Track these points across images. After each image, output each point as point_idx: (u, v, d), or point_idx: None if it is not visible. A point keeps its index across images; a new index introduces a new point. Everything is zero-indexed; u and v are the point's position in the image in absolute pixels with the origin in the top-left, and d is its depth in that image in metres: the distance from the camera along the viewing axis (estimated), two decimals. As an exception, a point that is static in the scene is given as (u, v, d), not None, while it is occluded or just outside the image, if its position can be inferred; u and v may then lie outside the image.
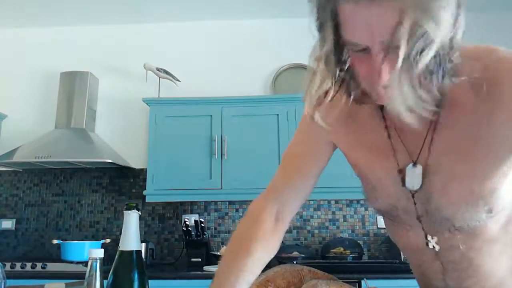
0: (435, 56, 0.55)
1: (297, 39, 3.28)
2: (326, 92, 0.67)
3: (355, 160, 0.80)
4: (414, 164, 0.69)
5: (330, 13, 0.64)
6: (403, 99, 0.56)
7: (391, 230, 0.84)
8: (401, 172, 0.71)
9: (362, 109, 0.73)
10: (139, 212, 0.87)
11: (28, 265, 2.52)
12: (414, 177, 0.69)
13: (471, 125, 0.64)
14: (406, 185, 0.70)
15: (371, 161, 0.76)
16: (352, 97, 0.65)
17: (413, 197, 0.71)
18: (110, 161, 2.77)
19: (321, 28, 0.70)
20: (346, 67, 0.64)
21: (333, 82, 0.66)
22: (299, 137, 0.87)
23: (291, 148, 0.88)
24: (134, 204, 0.87)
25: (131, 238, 0.85)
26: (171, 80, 3.10)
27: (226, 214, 3.05)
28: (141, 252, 0.87)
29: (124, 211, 0.85)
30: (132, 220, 0.85)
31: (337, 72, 0.66)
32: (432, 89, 0.57)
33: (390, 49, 0.56)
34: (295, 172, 0.85)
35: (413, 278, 0.87)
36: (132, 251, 0.84)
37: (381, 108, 0.71)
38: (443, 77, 0.58)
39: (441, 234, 0.72)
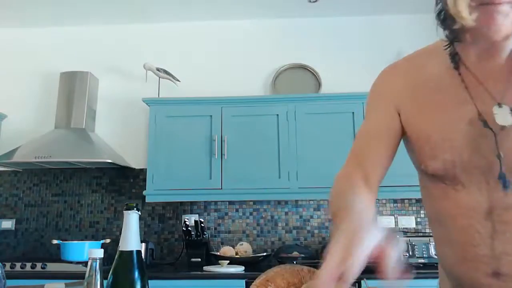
0: None
1: (297, 39, 3.29)
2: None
3: (418, 123, 0.80)
4: (499, 105, 0.72)
5: None
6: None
7: (436, 197, 0.81)
8: (481, 116, 0.73)
9: (433, 73, 0.80)
10: (139, 212, 0.87)
11: (28, 265, 2.52)
12: (503, 115, 0.71)
13: None
14: (497, 122, 0.71)
15: (440, 116, 0.77)
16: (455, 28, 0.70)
17: (496, 135, 0.71)
18: (110, 161, 2.77)
19: None
20: None
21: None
22: (370, 113, 0.89)
23: (366, 124, 0.90)
24: (134, 204, 0.86)
25: (131, 238, 0.85)
26: (171, 80, 3.10)
27: (226, 214, 3.05)
28: (141, 252, 0.87)
29: (124, 211, 0.85)
30: (132, 220, 0.85)
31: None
32: None
33: None
34: (372, 140, 0.86)
35: (413, 278, 0.87)
36: (132, 251, 0.84)
37: (457, 66, 0.77)
38: None
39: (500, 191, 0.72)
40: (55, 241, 2.69)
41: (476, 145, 0.73)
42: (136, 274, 0.83)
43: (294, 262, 2.43)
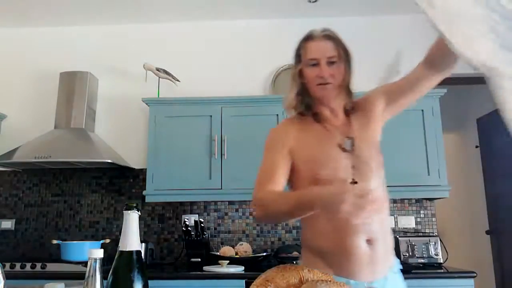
0: (344, 81, 1.36)
1: (297, 39, 3.28)
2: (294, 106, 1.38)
3: (308, 153, 1.30)
4: (348, 138, 1.30)
5: (299, 49, 1.38)
6: (334, 88, 1.32)
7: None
8: (340, 145, 1.29)
9: (305, 124, 1.35)
10: (139, 212, 0.87)
11: (28, 265, 2.52)
12: (349, 144, 1.29)
13: (363, 119, 1.36)
14: (347, 148, 1.28)
15: (320, 146, 1.30)
16: (302, 108, 1.36)
17: (350, 155, 1.27)
18: (109, 161, 2.77)
19: (295, 59, 1.38)
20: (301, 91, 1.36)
21: (296, 93, 1.36)
22: (271, 152, 1.34)
23: (264, 161, 1.34)
24: (134, 204, 0.86)
25: (131, 238, 0.85)
26: (170, 80, 3.10)
27: (226, 214, 3.05)
28: (141, 252, 0.87)
29: (124, 211, 0.85)
30: (132, 220, 0.85)
31: (299, 85, 1.35)
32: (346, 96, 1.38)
33: (330, 63, 1.30)
34: (277, 169, 1.30)
35: (413, 278, 0.90)
36: (132, 251, 0.84)
37: (315, 119, 1.35)
38: (350, 94, 1.39)
39: (362, 180, 1.23)
40: (55, 241, 2.69)
41: (342, 160, 1.27)
42: (136, 274, 0.83)
43: (294, 262, 2.42)
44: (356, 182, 1.21)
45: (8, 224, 3.09)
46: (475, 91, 4.06)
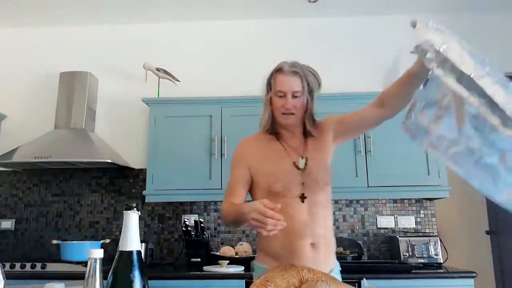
0: (307, 111, 1.54)
1: (297, 39, 3.29)
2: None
3: (267, 168, 1.50)
4: (302, 158, 1.51)
5: (270, 79, 1.58)
6: (296, 117, 1.52)
7: (282, 205, 1.31)
8: (294, 163, 1.50)
9: (267, 142, 1.57)
10: (139, 212, 0.87)
11: (28, 265, 2.52)
12: (303, 163, 1.50)
13: (317, 142, 1.56)
14: (300, 166, 1.49)
15: (278, 162, 1.50)
16: (270, 130, 1.58)
17: (303, 172, 1.48)
18: (109, 161, 2.77)
19: (266, 87, 1.59)
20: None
21: (269, 113, 1.57)
22: (234, 169, 1.56)
23: (231, 175, 1.56)
24: (134, 204, 0.86)
25: (131, 238, 0.85)
26: (170, 80, 3.10)
27: (226, 214, 3.04)
28: (141, 253, 0.87)
29: (124, 211, 0.85)
30: (131, 220, 0.85)
31: (270, 111, 1.56)
32: (309, 122, 1.56)
33: (295, 96, 1.50)
34: (237, 186, 1.53)
35: (413, 278, 0.91)
36: (132, 251, 0.84)
37: (277, 138, 1.57)
38: (313, 121, 1.57)
39: (310, 195, 1.45)
40: (54, 241, 2.69)
41: (294, 176, 1.47)
42: (136, 274, 0.83)
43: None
44: (305, 197, 1.44)
45: (8, 224, 3.09)
46: (475, 91, 4.05)
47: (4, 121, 3.24)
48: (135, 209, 0.86)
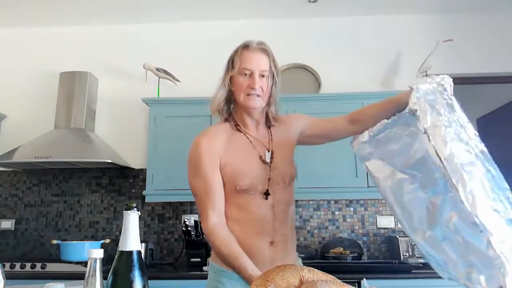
0: (272, 95, 1.43)
1: (297, 39, 3.29)
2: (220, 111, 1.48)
3: (234, 164, 1.35)
4: (268, 150, 1.41)
5: (234, 56, 1.42)
6: (262, 100, 1.39)
7: (245, 202, 1.34)
8: (261, 157, 1.38)
9: (231, 135, 1.40)
10: (139, 212, 0.87)
11: (28, 265, 2.52)
12: (269, 156, 1.39)
13: (281, 134, 1.46)
14: (267, 160, 1.38)
15: (245, 157, 1.37)
16: (226, 115, 1.46)
17: (270, 166, 1.38)
18: (109, 161, 2.77)
19: (228, 64, 1.44)
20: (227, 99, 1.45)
21: (224, 98, 1.44)
22: (202, 171, 1.36)
23: (201, 179, 1.36)
24: (134, 204, 0.86)
25: (131, 238, 0.85)
26: (170, 80, 3.10)
27: (226, 214, 3.04)
28: (141, 253, 0.87)
29: (124, 211, 0.85)
30: (131, 220, 0.85)
31: (228, 91, 1.43)
32: (272, 110, 1.46)
33: (262, 75, 1.38)
34: (214, 190, 1.35)
35: (413, 278, 0.94)
36: (132, 251, 0.84)
37: (238, 129, 1.42)
38: (275, 109, 1.46)
39: (275, 191, 1.36)
40: (54, 241, 2.69)
41: (261, 171, 1.36)
42: (136, 274, 0.83)
43: (294, 262, 2.42)
44: (269, 194, 1.35)
45: (8, 224, 3.09)
46: (475, 91, 4.05)
47: (4, 121, 3.24)
48: (135, 209, 0.86)
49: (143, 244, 2.77)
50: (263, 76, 1.37)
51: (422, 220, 0.99)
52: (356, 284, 2.15)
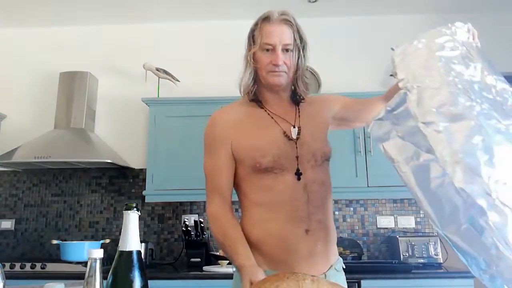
0: (298, 71, 1.28)
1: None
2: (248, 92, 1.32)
3: (250, 141, 1.23)
4: (294, 126, 1.27)
5: (254, 29, 1.31)
6: (287, 77, 1.26)
7: (268, 183, 1.20)
8: (285, 133, 1.24)
9: (249, 111, 1.30)
10: (139, 212, 0.87)
11: (28, 265, 2.52)
12: (295, 132, 1.25)
13: (312, 110, 1.32)
14: (292, 136, 1.24)
15: (263, 133, 1.24)
16: (253, 97, 1.31)
17: (295, 143, 1.23)
18: (109, 161, 2.77)
19: (249, 40, 1.33)
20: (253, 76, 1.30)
21: (251, 73, 1.29)
22: (212, 152, 1.27)
23: (210, 158, 1.27)
24: (134, 204, 0.86)
25: (131, 238, 0.85)
26: (170, 80, 3.10)
27: (226, 214, 3.04)
28: (141, 253, 0.87)
29: (124, 211, 0.85)
30: (131, 220, 0.85)
31: (253, 70, 1.28)
32: (300, 85, 1.30)
33: (286, 50, 1.24)
34: (221, 173, 1.24)
35: (413, 278, 0.88)
36: (132, 251, 0.84)
37: (260, 106, 1.30)
38: (305, 87, 1.31)
39: (307, 170, 1.21)
40: (54, 241, 2.69)
41: (286, 148, 1.22)
42: (136, 274, 0.83)
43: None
44: (301, 173, 1.19)
45: (8, 224, 3.09)
46: (475, 91, 4.05)
47: (4, 121, 3.24)
48: (135, 209, 0.86)
49: (143, 244, 2.77)
50: (287, 50, 1.23)
51: (456, 211, 0.78)
52: (356, 284, 2.15)
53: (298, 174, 1.19)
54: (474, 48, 0.98)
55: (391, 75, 0.97)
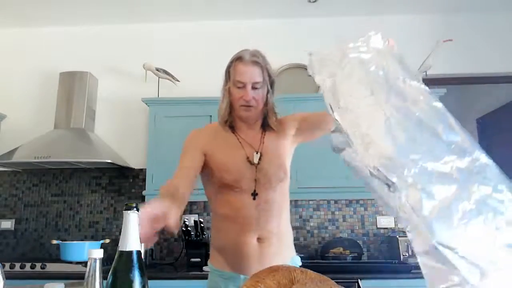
0: (267, 104, 1.48)
1: (297, 39, 3.29)
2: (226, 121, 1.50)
3: (219, 158, 1.42)
4: (256, 152, 1.45)
5: (229, 67, 1.49)
6: (256, 110, 1.44)
7: (229, 198, 1.41)
8: (248, 158, 1.43)
9: (222, 133, 1.49)
10: (139, 212, 0.87)
11: (28, 265, 2.52)
12: (257, 158, 1.43)
13: (275, 137, 1.49)
14: (254, 161, 1.42)
15: (231, 154, 1.43)
16: (226, 122, 1.48)
17: (256, 168, 1.42)
18: (109, 161, 2.77)
19: (225, 75, 1.50)
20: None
21: (227, 104, 1.48)
22: (185, 155, 1.47)
23: (181, 159, 1.46)
24: (134, 204, 0.86)
25: (131, 238, 0.85)
26: (170, 80, 3.10)
27: (226, 214, 3.04)
28: (141, 253, 0.87)
29: (124, 211, 0.85)
30: (131, 220, 0.85)
31: (228, 101, 1.47)
32: (271, 116, 1.50)
33: (255, 88, 1.41)
34: (187, 172, 1.41)
35: (413, 278, 0.90)
36: (131, 251, 0.84)
37: (232, 131, 1.49)
38: (274, 115, 1.51)
39: (262, 192, 1.40)
40: (54, 241, 2.69)
41: (247, 172, 1.41)
42: (136, 274, 0.82)
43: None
44: (257, 194, 1.39)
45: (8, 224, 3.09)
46: (475, 91, 4.05)
47: (4, 121, 3.24)
48: (135, 209, 0.86)
49: (143, 244, 2.76)
50: (256, 88, 1.41)
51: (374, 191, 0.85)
52: (356, 284, 2.15)
53: (254, 194, 1.40)
54: (387, 53, 1.05)
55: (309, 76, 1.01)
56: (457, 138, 0.84)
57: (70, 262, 2.55)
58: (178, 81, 3.13)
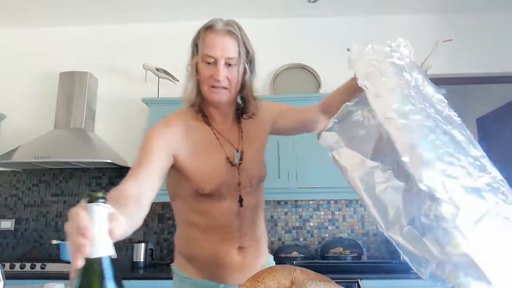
0: (244, 87, 1.21)
1: (297, 39, 3.29)
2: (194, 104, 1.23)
3: (195, 166, 1.15)
4: (237, 151, 1.21)
5: (197, 38, 1.21)
6: (229, 93, 1.15)
7: (207, 206, 1.18)
8: (228, 159, 1.19)
9: (195, 127, 1.20)
10: (108, 205, 0.61)
11: (28, 265, 2.52)
12: (238, 157, 1.21)
13: (254, 128, 1.27)
14: (235, 162, 1.19)
15: (209, 158, 1.17)
16: (196, 108, 1.21)
17: (238, 169, 1.19)
18: (109, 161, 2.77)
19: (192, 48, 1.25)
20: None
21: (194, 84, 1.23)
22: (148, 147, 1.12)
23: (140, 157, 1.10)
24: (100, 194, 0.60)
25: (98, 241, 0.59)
26: (170, 80, 3.09)
27: (226, 214, 3.04)
28: (112, 258, 0.60)
29: (86, 204, 0.59)
30: (97, 216, 0.59)
31: (195, 80, 1.22)
32: (250, 102, 1.24)
33: (229, 64, 1.13)
34: (147, 170, 1.06)
35: (413, 278, 0.90)
36: (99, 258, 0.59)
37: (206, 121, 1.22)
38: (255, 105, 1.25)
39: (244, 197, 1.19)
40: (54, 241, 2.69)
41: (228, 176, 1.18)
42: (110, 287, 0.58)
43: (293, 263, 2.42)
44: (242, 199, 1.18)
45: (7, 224, 3.09)
46: (475, 91, 4.05)
47: (4, 121, 3.24)
48: (101, 200, 0.60)
49: (143, 244, 2.77)
50: (230, 64, 1.13)
51: (398, 213, 0.84)
52: (356, 284, 2.15)
53: (241, 201, 1.19)
54: (412, 62, 1.08)
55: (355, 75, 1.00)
56: (480, 153, 0.87)
57: (70, 262, 2.54)
58: (178, 81, 3.13)
